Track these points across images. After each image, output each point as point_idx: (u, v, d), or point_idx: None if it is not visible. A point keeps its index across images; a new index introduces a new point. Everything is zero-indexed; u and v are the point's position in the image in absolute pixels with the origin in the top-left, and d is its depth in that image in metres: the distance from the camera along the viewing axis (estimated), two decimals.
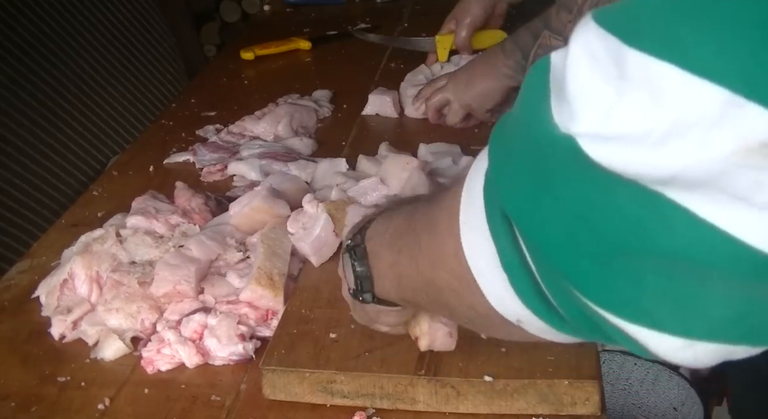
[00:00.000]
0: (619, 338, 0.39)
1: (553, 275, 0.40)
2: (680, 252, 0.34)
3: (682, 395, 1.47)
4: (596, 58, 0.35)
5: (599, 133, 0.34)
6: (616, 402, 1.53)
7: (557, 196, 0.37)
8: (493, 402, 0.71)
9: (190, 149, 1.27)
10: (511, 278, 0.44)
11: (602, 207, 0.35)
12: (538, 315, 0.45)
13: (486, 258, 0.45)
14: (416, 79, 1.37)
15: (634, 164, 0.33)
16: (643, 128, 0.33)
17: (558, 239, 0.38)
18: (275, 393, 0.76)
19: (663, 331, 0.36)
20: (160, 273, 0.89)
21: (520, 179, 0.40)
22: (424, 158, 1.08)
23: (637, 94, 0.33)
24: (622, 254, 0.35)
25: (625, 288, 0.36)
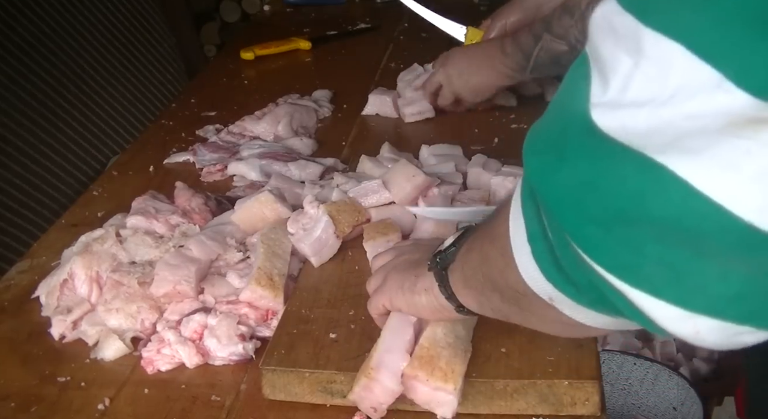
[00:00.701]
0: (624, 307, 0.40)
1: (563, 240, 0.42)
2: (676, 222, 0.36)
3: (681, 395, 1.47)
4: (616, 31, 0.38)
5: (615, 100, 0.37)
6: (616, 402, 1.53)
7: (571, 164, 0.40)
8: (493, 402, 0.71)
9: (190, 149, 1.27)
10: (533, 248, 0.48)
11: (608, 175, 0.38)
12: (557, 287, 0.47)
13: (520, 234, 0.49)
14: (412, 79, 1.37)
15: (635, 130, 0.36)
16: (647, 96, 0.36)
17: (568, 204, 0.41)
18: (275, 393, 0.76)
19: (662, 299, 0.38)
20: (160, 273, 0.89)
21: (544, 153, 0.43)
22: (427, 160, 1.08)
23: (649, 67, 0.36)
24: (625, 221, 0.38)
25: (626, 253, 0.38)
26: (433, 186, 0.95)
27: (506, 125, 1.26)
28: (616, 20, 0.38)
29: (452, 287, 0.65)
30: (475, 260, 0.61)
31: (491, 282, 0.58)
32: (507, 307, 0.58)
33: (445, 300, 0.66)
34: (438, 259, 0.66)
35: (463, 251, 0.64)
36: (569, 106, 0.41)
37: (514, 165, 1.00)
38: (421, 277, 0.68)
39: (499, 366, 0.71)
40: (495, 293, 0.59)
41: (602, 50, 0.39)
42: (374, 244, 0.88)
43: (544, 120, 0.45)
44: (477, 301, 0.63)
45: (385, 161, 1.04)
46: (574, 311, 0.50)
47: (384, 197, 0.94)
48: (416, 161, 1.06)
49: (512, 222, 0.51)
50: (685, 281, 0.37)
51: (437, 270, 0.66)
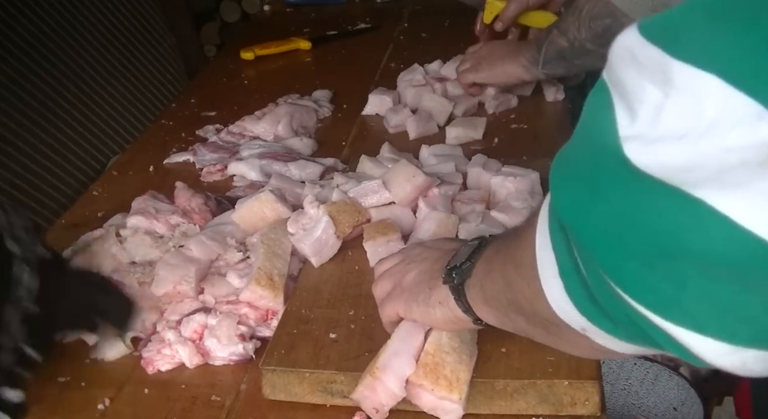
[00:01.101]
0: (665, 343, 0.40)
1: (600, 277, 0.42)
2: (718, 257, 0.35)
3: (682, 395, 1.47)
4: (639, 62, 0.37)
5: (648, 133, 0.36)
6: (616, 402, 1.53)
7: (608, 201, 0.39)
8: (493, 402, 0.71)
9: (190, 149, 1.27)
10: (566, 283, 0.47)
11: (647, 211, 0.37)
12: (591, 321, 0.47)
13: (550, 267, 0.48)
14: (412, 79, 1.37)
15: (673, 165, 0.36)
16: (683, 129, 0.35)
17: (605, 241, 0.40)
18: (275, 393, 0.76)
19: (706, 335, 0.37)
20: (160, 273, 0.89)
21: (574, 188, 0.42)
22: (427, 160, 1.08)
23: (681, 99, 0.35)
24: (665, 257, 0.37)
25: (668, 289, 0.38)
26: (434, 186, 0.95)
27: (506, 125, 1.26)
28: (639, 52, 0.37)
29: (470, 302, 0.64)
30: (497, 282, 0.59)
31: (516, 307, 0.57)
32: (533, 329, 0.57)
33: (462, 313, 0.65)
34: (454, 274, 0.65)
35: (482, 268, 0.63)
36: (597, 137, 0.40)
37: (514, 165, 1.01)
38: (435, 290, 0.68)
39: (500, 366, 0.71)
40: (520, 316, 0.58)
41: (626, 79, 0.38)
42: (374, 244, 0.88)
43: (570, 150, 0.44)
44: (498, 319, 0.62)
45: (385, 161, 1.04)
46: (607, 341, 0.49)
47: (384, 197, 0.94)
48: (416, 161, 1.06)
49: (539, 252, 0.50)
50: (730, 316, 0.37)
51: (454, 285, 0.65)
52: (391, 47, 1.66)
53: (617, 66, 0.39)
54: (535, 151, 1.13)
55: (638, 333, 0.42)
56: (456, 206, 0.95)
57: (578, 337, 0.50)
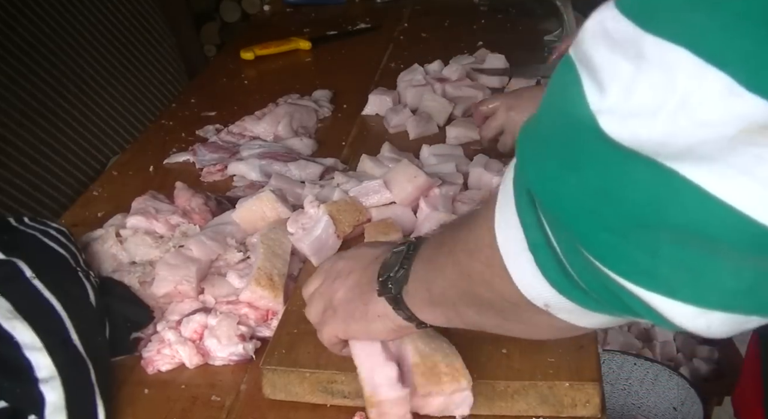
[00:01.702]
0: (638, 307, 0.41)
1: (575, 249, 0.42)
2: (692, 226, 0.36)
3: (681, 395, 1.47)
4: (612, 38, 0.38)
5: (621, 108, 0.37)
6: (616, 402, 1.53)
7: (581, 172, 0.40)
8: (494, 403, 0.71)
9: (190, 149, 1.27)
10: (537, 257, 0.47)
11: (622, 183, 0.38)
12: (563, 293, 0.47)
13: (515, 243, 0.48)
14: (412, 79, 1.37)
15: (648, 139, 0.36)
16: (656, 103, 0.36)
17: (580, 212, 0.40)
18: (275, 393, 0.76)
19: (678, 299, 0.39)
20: (161, 273, 0.89)
21: (546, 159, 0.42)
22: (428, 160, 1.08)
23: (653, 73, 0.36)
24: (640, 227, 0.38)
25: (642, 258, 0.39)
26: (435, 186, 0.95)
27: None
28: (612, 26, 0.38)
29: (411, 308, 0.62)
30: (447, 277, 0.58)
31: (469, 297, 0.56)
32: (484, 319, 0.57)
33: (403, 321, 0.63)
34: (390, 284, 0.63)
35: (421, 270, 0.61)
36: (568, 110, 0.40)
37: None
38: (371, 304, 0.65)
39: (500, 368, 0.71)
40: (470, 308, 0.57)
41: (595, 56, 0.38)
42: None
43: (537, 124, 0.44)
44: (446, 317, 0.61)
45: (386, 161, 1.04)
46: (570, 314, 0.49)
47: (385, 197, 0.94)
48: (417, 161, 1.06)
49: (500, 231, 0.50)
50: (699, 281, 0.38)
51: (391, 295, 0.63)
52: (391, 47, 1.66)
53: (588, 42, 0.39)
54: None
55: (612, 300, 0.43)
56: (457, 207, 0.95)
57: (538, 315, 0.50)
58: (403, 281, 0.62)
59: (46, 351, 0.73)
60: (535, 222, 0.46)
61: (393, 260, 0.64)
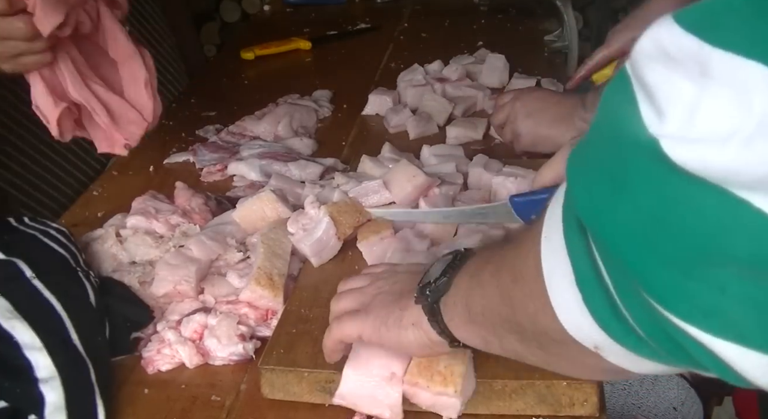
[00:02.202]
0: (704, 358, 0.36)
1: (629, 285, 0.38)
2: (764, 261, 0.32)
3: (682, 395, 1.47)
4: (670, 55, 0.34)
5: (685, 133, 0.33)
6: (616, 402, 1.53)
7: (636, 198, 0.35)
8: (492, 402, 0.71)
9: (190, 149, 1.27)
10: (585, 295, 0.42)
11: (683, 211, 0.34)
12: (613, 336, 0.42)
13: (562, 276, 0.44)
14: (412, 79, 1.37)
15: (719, 167, 0.32)
16: (729, 127, 0.32)
17: (635, 244, 0.36)
18: (274, 393, 0.76)
19: (749, 345, 0.34)
20: (161, 273, 0.89)
21: (598, 184, 0.38)
22: (428, 160, 1.08)
23: (722, 93, 0.32)
24: (704, 261, 0.33)
25: (707, 297, 0.34)
26: (434, 186, 0.95)
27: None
28: (671, 42, 0.34)
29: (447, 322, 0.58)
30: (488, 297, 0.54)
31: (511, 324, 0.52)
32: (525, 349, 0.52)
33: (436, 335, 0.60)
34: (428, 291, 0.59)
35: (463, 283, 0.57)
36: (621, 131, 0.36)
37: (515, 165, 1.01)
38: (407, 310, 0.62)
39: (498, 367, 0.71)
40: (512, 335, 0.52)
41: (649, 76, 0.35)
42: (368, 243, 0.89)
43: (589, 147, 0.40)
44: (483, 339, 0.56)
45: (386, 161, 1.04)
46: (624, 359, 0.44)
47: (385, 197, 0.94)
48: (417, 161, 1.06)
49: (546, 262, 0.45)
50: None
51: (427, 303, 0.59)
52: (391, 47, 1.66)
53: (642, 61, 0.35)
54: None
55: (672, 349, 0.38)
56: (457, 206, 0.95)
57: (586, 356, 0.45)
58: (443, 290, 0.58)
59: (46, 350, 0.73)
60: (585, 254, 0.41)
61: (436, 268, 0.60)
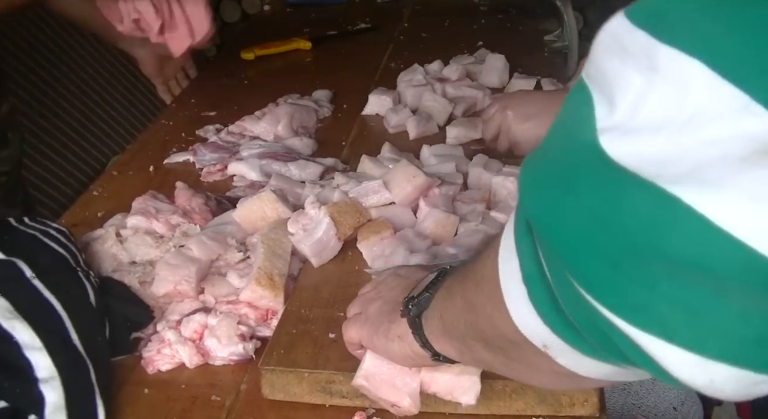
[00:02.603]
0: (631, 352, 0.37)
1: (564, 278, 0.39)
2: (694, 259, 0.32)
3: (681, 395, 1.47)
4: (625, 49, 0.35)
5: (626, 124, 0.34)
6: (616, 402, 1.53)
7: (578, 196, 0.36)
8: (492, 402, 0.71)
9: (190, 149, 1.27)
10: (529, 288, 0.44)
11: (618, 208, 0.34)
12: (554, 330, 0.44)
13: (512, 274, 0.45)
14: (412, 79, 1.37)
15: (651, 158, 0.33)
16: (662, 119, 0.33)
17: (573, 238, 0.37)
18: (274, 393, 0.76)
19: (675, 343, 0.35)
20: (161, 273, 0.89)
21: (547, 184, 0.39)
22: (428, 160, 1.08)
23: (664, 87, 0.33)
24: (636, 257, 0.34)
25: (637, 292, 0.35)
26: (434, 186, 0.95)
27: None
28: (626, 37, 0.35)
29: (428, 335, 0.61)
30: (456, 306, 0.56)
31: (475, 330, 0.54)
32: (492, 357, 0.54)
33: (419, 348, 0.62)
34: (411, 306, 0.62)
35: (441, 297, 0.59)
36: (573, 134, 0.38)
37: (514, 165, 1.01)
38: (395, 323, 0.64)
39: None
40: (478, 343, 0.55)
41: (608, 70, 0.36)
42: (368, 244, 0.89)
43: (541, 151, 0.41)
44: (457, 350, 0.59)
45: (386, 161, 1.04)
46: (569, 359, 0.46)
47: (385, 198, 0.94)
48: (417, 161, 1.06)
49: (502, 264, 0.47)
50: (700, 324, 0.34)
51: (410, 318, 0.62)
52: (391, 47, 1.66)
53: (600, 56, 0.36)
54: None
55: (603, 343, 0.39)
56: (456, 206, 0.95)
57: (539, 358, 0.47)
58: (424, 305, 0.61)
59: (46, 350, 0.73)
60: (530, 251, 0.43)
61: (422, 283, 0.63)
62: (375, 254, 0.88)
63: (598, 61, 0.37)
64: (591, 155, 0.35)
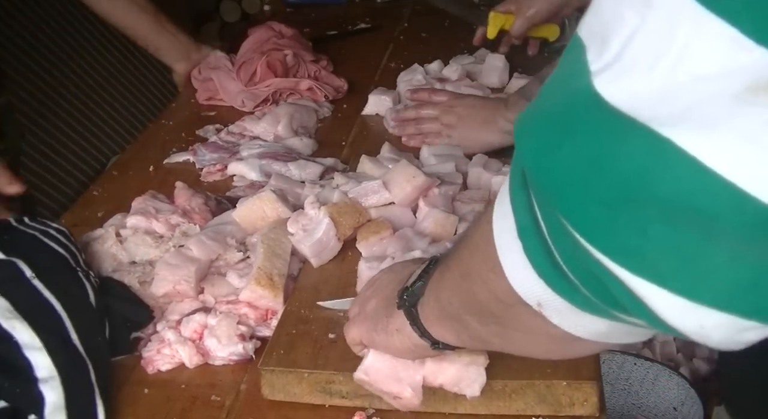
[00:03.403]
0: (624, 297, 0.37)
1: (560, 224, 0.39)
2: (685, 201, 0.33)
3: (681, 395, 1.47)
4: None
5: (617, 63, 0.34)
6: (616, 402, 1.53)
7: (576, 142, 0.36)
8: (492, 402, 0.71)
9: (190, 149, 1.27)
10: (524, 242, 0.44)
11: (613, 152, 0.34)
12: (550, 284, 0.44)
13: (507, 232, 0.45)
14: (412, 79, 1.37)
15: (644, 99, 0.33)
16: (653, 55, 0.32)
17: (568, 183, 0.37)
18: (274, 394, 0.76)
19: (666, 287, 0.35)
20: (160, 273, 0.89)
21: (541, 132, 0.39)
22: (427, 160, 1.08)
23: (656, 22, 0.32)
24: (630, 200, 0.34)
25: (629, 235, 0.35)
26: (434, 186, 0.95)
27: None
28: None
29: (424, 323, 0.61)
30: (451, 280, 0.56)
31: (470, 300, 0.54)
32: (486, 329, 0.55)
33: (418, 338, 0.62)
34: (405, 296, 0.62)
35: (435, 280, 0.59)
36: (568, 82, 0.37)
37: None
38: (392, 317, 0.64)
39: (498, 367, 0.71)
40: (473, 317, 0.55)
41: (605, 11, 0.35)
42: (367, 244, 0.89)
43: (538, 100, 0.41)
44: (454, 330, 0.59)
45: (386, 161, 1.04)
46: (564, 317, 0.46)
47: (384, 198, 0.94)
48: (417, 161, 1.06)
49: (497, 223, 0.47)
50: (691, 267, 0.34)
51: (406, 308, 0.62)
52: (391, 47, 1.66)
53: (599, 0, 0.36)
54: None
55: (597, 290, 0.39)
56: (456, 206, 0.95)
57: (533, 320, 0.47)
58: (418, 294, 0.61)
59: (46, 350, 0.73)
60: (525, 204, 0.43)
61: (415, 274, 0.63)
62: (375, 254, 0.88)
63: (596, 4, 0.36)
64: (586, 100, 0.35)
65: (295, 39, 1.50)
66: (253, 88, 1.39)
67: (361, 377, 0.69)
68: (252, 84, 1.40)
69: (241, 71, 1.42)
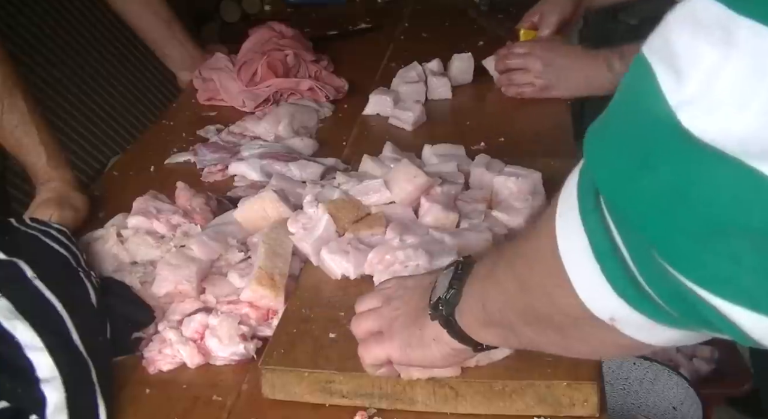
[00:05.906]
0: (716, 320, 0.38)
1: (647, 254, 0.39)
2: None
3: (681, 394, 1.47)
4: (700, 22, 0.35)
5: (703, 97, 0.34)
6: (616, 401, 1.53)
7: (656, 171, 0.37)
8: (492, 402, 0.71)
9: (191, 149, 1.27)
10: (603, 265, 0.44)
11: (701, 183, 0.35)
12: (632, 304, 0.44)
13: (578, 251, 0.45)
14: (409, 76, 1.38)
15: (735, 135, 0.33)
16: (746, 94, 0.33)
17: (654, 214, 0.37)
18: (274, 393, 0.76)
19: (761, 313, 0.36)
20: (162, 273, 0.89)
21: (618, 158, 0.40)
22: (429, 160, 1.08)
23: (743, 60, 0.33)
24: (721, 231, 0.35)
25: (723, 265, 0.36)
26: (435, 186, 0.95)
27: (509, 124, 1.26)
28: (700, 10, 0.35)
29: (465, 329, 0.61)
30: (504, 291, 0.56)
31: (527, 312, 0.54)
32: (542, 338, 0.55)
33: (458, 344, 0.63)
34: (441, 306, 0.62)
35: (476, 289, 0.60)
36: (641, 106, 0.38)
37: (516, 165, 1.00)
38: (426, 328, 0.64)
39: (498, 367, 0.71)
40: (529, 327, 0.55)
41: (676, 42, 0.36)
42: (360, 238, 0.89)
43: (608, 123, 0.41)
44: (501, 336, 0.59)
45: (387, 161, 1.04)
46: (639, 331, 0.46)
47: (385, 197, 0.94)
48: (418, 161, 1.06)
49: (562, 240, 0.47)
50: None
51: (443, 318, 0.62)
52: (391, 47, 1.66)
53: (670, 29, 0.37)
54: (536, 151, 1.13)
55: (687, 312, 0.40)
56: (458, 206, 0.95)
57: (601, 331, 0.47)
58: (454, 301, 0.61)
59: (47, 351, 0.73)
60: (601, 228, 0.43)
61: (442, 282, 0.63)
62: None
63: (666, 33, 0.37)
64: (669, 130, 0.35)
65: (295, 39, 1.50)
66: (254, 89, 1.39)
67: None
68: (253, 84, 1.40)
69: (242, 71, 1.42)
